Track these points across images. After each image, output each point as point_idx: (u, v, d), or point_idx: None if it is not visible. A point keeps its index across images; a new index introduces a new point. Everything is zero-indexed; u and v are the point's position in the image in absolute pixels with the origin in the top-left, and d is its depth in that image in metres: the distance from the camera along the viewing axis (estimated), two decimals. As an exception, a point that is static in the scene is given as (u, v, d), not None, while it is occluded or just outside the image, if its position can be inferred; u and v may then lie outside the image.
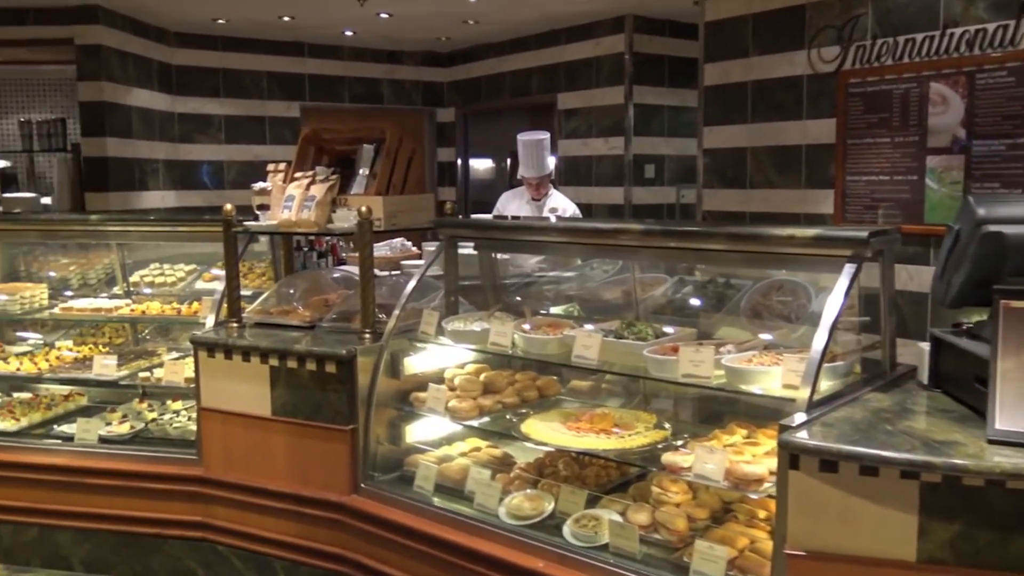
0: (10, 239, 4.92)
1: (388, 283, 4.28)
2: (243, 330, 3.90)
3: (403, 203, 3.94)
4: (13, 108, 7.39)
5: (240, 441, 3.75)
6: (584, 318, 3.78)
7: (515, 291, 4.22)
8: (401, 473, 3.58)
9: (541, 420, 3.38)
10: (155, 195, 7.34)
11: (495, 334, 3.39)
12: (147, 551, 3.93)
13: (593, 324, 3.45)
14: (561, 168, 7.83)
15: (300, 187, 3.89)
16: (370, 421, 3.55)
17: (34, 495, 4.02)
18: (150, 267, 4.85)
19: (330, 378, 3.54)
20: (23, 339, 5.01)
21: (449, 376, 3.65)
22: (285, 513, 3.65)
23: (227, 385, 3.76)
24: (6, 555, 4.09)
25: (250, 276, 4.69)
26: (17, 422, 4.24)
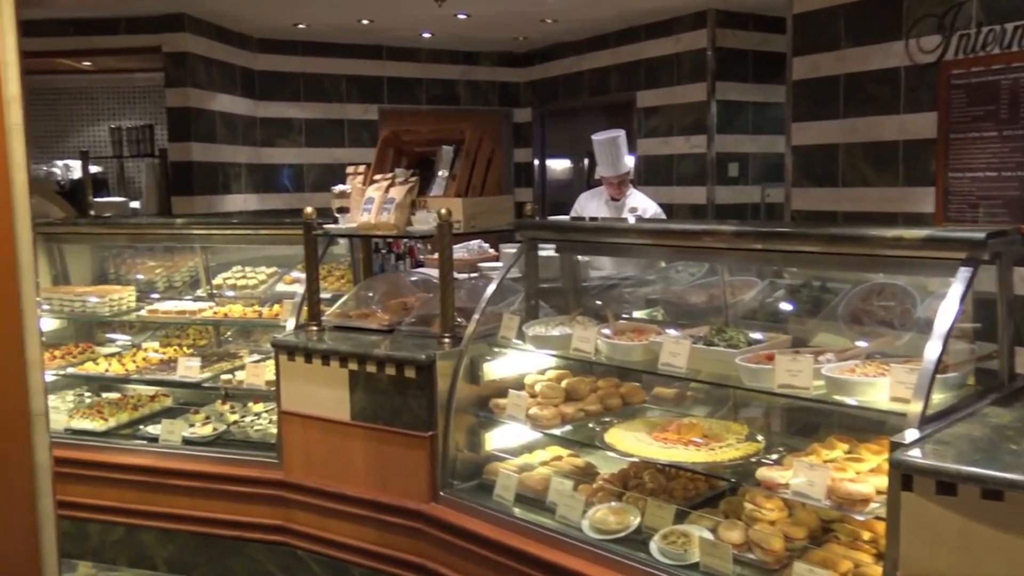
0: (99, 243, 5.04)
1: (466, 286, 4.21)
2: (322, 333, 3.88)
3: (483, 205, 3.87)
4: (105, 115, 7.62)
5: (320, 445, 3.73)
6: (669, 323, 3.63)
7: (596, 294, 4.10)
8: (480, 481, 3.50)
9: (625, 429, 3.25)
10: (238, 198, 7.47)
11: (577, 340, 3.28)
12: (227, 553, 3.94)
13: (679, 330, 3.31)
14: (640, 168, 7.67)
15: (379, 189, 3.85)
16: (449, 427, 3.48)
17: (120, 495, 4.08)
18: (232, 270, 4.90)
19: (409, 383, 3.48)
20: (112, 340, 5.12)
21: (530, 382, 3.55)
22: (364, 519, 3.61)
23: (307, 389, 3.74)
24: (95, 553, 4.16)
25: (330, 279, 4.69)
26: (105, 422, 4.31)
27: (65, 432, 4.30)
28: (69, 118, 7.67)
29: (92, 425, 4.29)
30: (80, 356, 4.70)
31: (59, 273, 5.02)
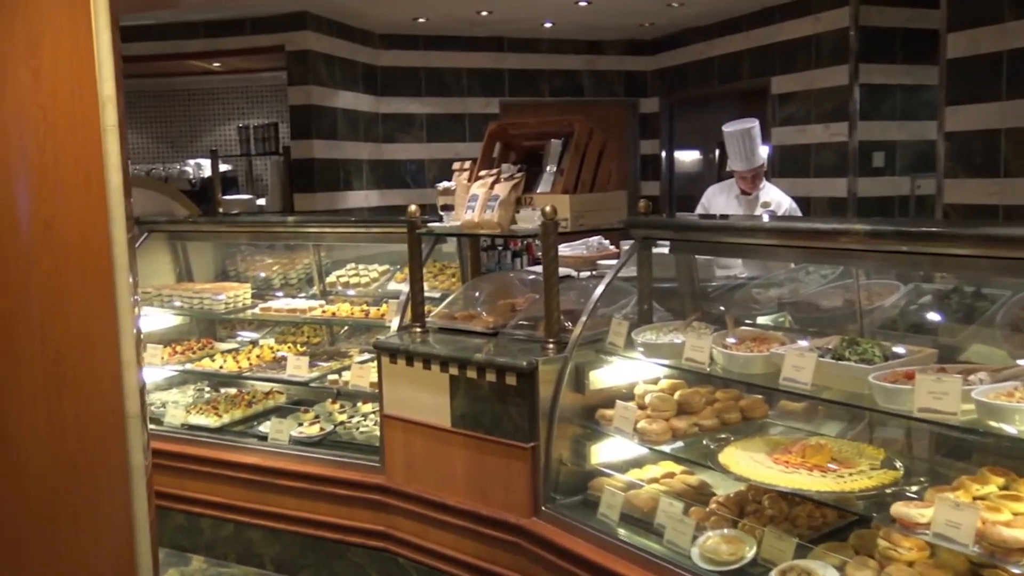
0: (219, 240, 5.12)
1: (578, 287, 3.99)
2: (426, 335, 3.75)
3: (592, 201, 3.63)
4: (235, 115, 7.85)
5: (421, 451, 3.61)
6: (796, 331, 3.30)
7: (716, 297, 3.79)
8: (584, 497, 3.28)
9: (743, 449, 2.95)
10: (359, 195, 7.51)
11: (690, 348, 3.01)
12: (332, 556, 3.89)
13: (807, 339, 2.98)
14: (774, 158, 7.19)
15: (484, 186, 3.68)
16: (552, 439, 3.28)
17: (230, 492, 4.11)
18: (346, 267, 4.87)
19: (510, 391, 3.30)
20: (232, 337, 5.20)
21: (639, 392, 3.30)
22: (464, 531, 3.46)
23: (408, 392, 3.63)
24: (207, 548, 4.21)
25: (440, 277, 4.57)
26: (219, 418, 4.36)
27: (182, 427, 4.37)
28: (201, 118, 7.95)
29: (207, 421, 4.35)
30: (199, 352, 4.78)
31: (182, 270, 5.14)
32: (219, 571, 4.10)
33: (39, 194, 2.56)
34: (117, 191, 2.65)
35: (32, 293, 2.56)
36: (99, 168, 2.63)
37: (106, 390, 2.69)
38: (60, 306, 2.59)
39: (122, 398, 2.71)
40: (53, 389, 2.61)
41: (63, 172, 2.57)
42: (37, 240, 2.55)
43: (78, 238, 2.62)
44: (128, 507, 2.74)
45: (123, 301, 2.72)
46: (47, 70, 2.52)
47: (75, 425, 2.62)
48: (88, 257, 2.63)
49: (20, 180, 2.51)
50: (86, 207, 2.61)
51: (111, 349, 2.68)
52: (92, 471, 2.66)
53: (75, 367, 2.62)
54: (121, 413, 2.71)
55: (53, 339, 2.57)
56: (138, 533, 2.77)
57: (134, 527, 2.75)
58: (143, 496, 2.76)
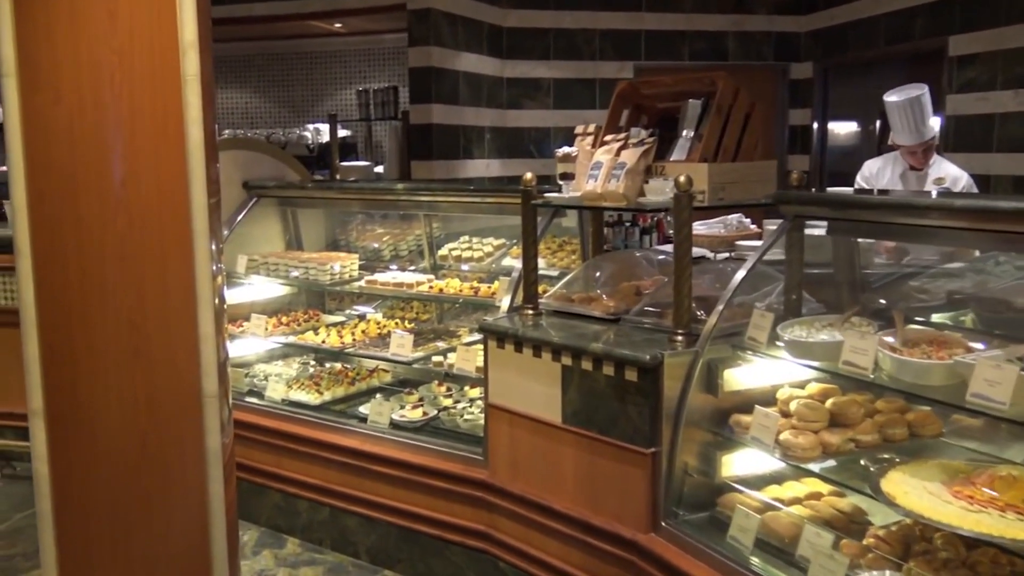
0: (327, 208, 4.89)
1: (714, 270, 3.52)
2: (538, 318, 3.37)
3: (734, 172, 3.14)
4: (356, 78, 7.63)
5: (527, 447, 3.24)
6: (979, 333, 2.72)
7: (881, 288, 3.23)
8: (711, 514, 2.84)
9: (913, 475, 2.44)
10: (479, 163, 7.15)
11: (851, 350, 2.50)
12: (428, 552, 3.59)
13: (995, 344, 2.43)
14: (946, 131, 6.36)
15: (609, 152, 3.25)
16: (676, 445, 2.84)
17: (327, 475, 3.87)
18: (460, 240, 4.55)
19: (630, 387, 2.87)
20: (340, 310, 4.99)
21: (783, 397, 2.81)
22: (571, 540, 3.08)
23: (516, 381, 3.26)
24: (303, 531, 4.01)
25: (559, 254, 4.18)
26: (320, 396, 4.13)
27: (282, 403, 4.17)
28: (322, 82, 7.77)
29: (307, 398, 4.13)
30: (304, 324, 4.57)
31: (292, 238, 4.95)
32: (313, 557, 3.88)
33: (114, 148, 2.32)
34: (197, 148, 2.38)
35: (107, 256, 2.33)
36: (178, 122, 2.37)
37: (182, 366, 2.46)
38: (134, 272, 2.36)
39: (199, 375, 2.47)
40: (124, 362, 2.39)
41: (140, 125, 2.32)
42: (112, 199, 2.32)
43: (155, 198, 2.37)
44: (203, 490, 2.51)
45: (202, 269, 2.47)
46: (124, 11, 2.27)
47: (147, 402, 2.41)
48: (166, 220, 2.38)
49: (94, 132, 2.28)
50: (164, 164, 2.37)
51: (188, 321, 2.44)
52: (164, 451, 2.44)
53: (148, 339, 2.40)
54: (197, 391, 2.48)
55: (126, 308, 2.35)
56: (212, 518, 2.54)
57: (208, 512, 2.53)
58: (219, 479, 2.52)
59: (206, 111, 2.42)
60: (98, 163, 2.27)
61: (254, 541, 4.03)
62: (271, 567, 3.80)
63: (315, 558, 3.87)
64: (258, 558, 3.87)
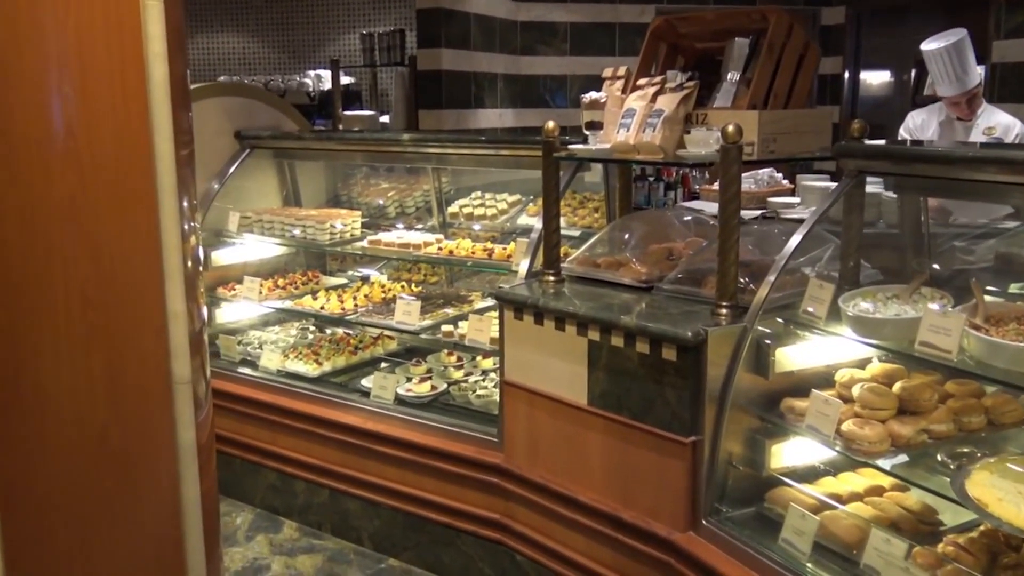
0: (327, 160, 4.51)
1: (753, 231, 3.14)
2: (560, 285, 3.01)
3: (786, 121, 2.75)
4: (359, 22, 7.15)
5: (548, 430, 2.90)
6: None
7: (951, 255, 2.85)
8: (758, 510, 2.51)
9: (1001, 475, 2.09)
10: (491, 113, 6.70)
11: (930, 329, 2.13)
12: (438, 542, 3.28)
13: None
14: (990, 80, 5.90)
15: (643, 99, 2.85)
16: (720, 433, 2.50)
17: (326, 454, 3.55)
18: (471, 196, 4.16)
19: (667, 367, 2.52)
20: (342, 271, 4.63)
21: (843, 380, 2.47)
22: (597, 536, 2.75)
23: (535, 357, 2.91)
24: (300, 513, 3.70)
25: (580, 212, 3.81)
26: (319, 367, 3.79)
27: (277, 374, 3.84)
28: (324, 25, 7.29)
29: (305, 368, 3.79)
30: (303, 287, 4.22)
31: (289, 193, 4.57)
32: (311, 543, 3.58)
33: (58, 89, 1.93)
34: (161, 89, 1.99)
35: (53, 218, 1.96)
36: (137, 56, 1.98)
37: (147, 346, 2.10)
38: (87, 237, 1.99)
39: (167, 357, 2.11)
40: (78, 342, 2.03)
41: (89, 60, 1.93)
42: (57, 150, 1.94)
43: (111, 150, 1.99)
44: (175, 490, 2.17)
45: (169, 233, 2.09)
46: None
47: (107, 389, 2.06)
48: (125, 175, 2.00)
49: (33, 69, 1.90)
50: (121, 109, 1.98)
51: (153, 294, 2.08)
52: (128, 446, 2.09)
53: (106, 316, 2.03)
54: (166, 376, 2.12)
55: (78, 279, 1.98)
56: (187, 523, 2.20)
57: (182, 515, 2.19)
58: (193, 479, 2.18)
59: (173, 46, 2.03)
60: (36, 106, 1.89)
61: (248, 524, 3.73)
62: (265, 554, 3.50)
63: (314, 544, 3.57)
64: (252, 544, 3.57)
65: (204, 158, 4.22)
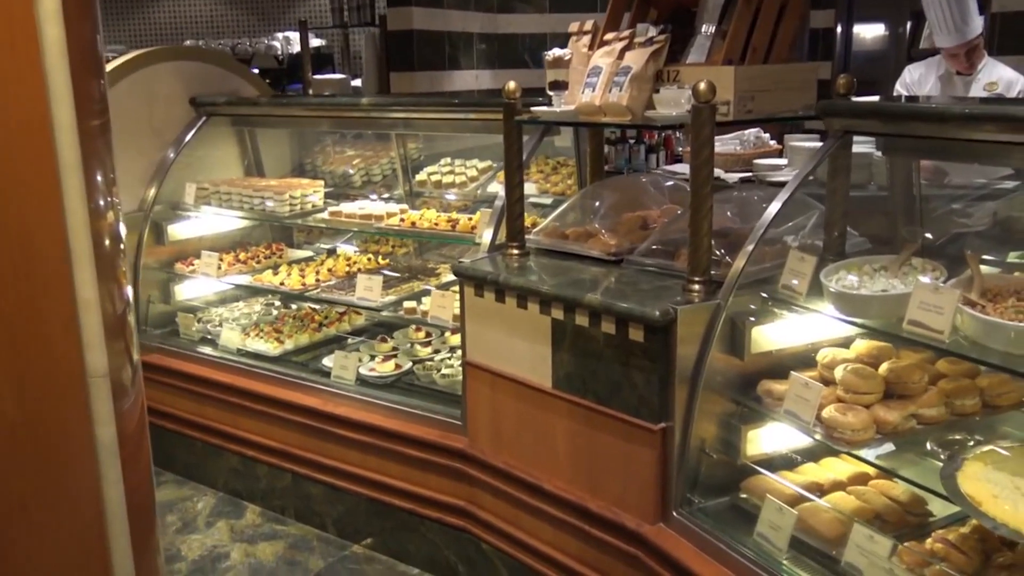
0: (289, 127, 4.27)
1: (734, 198, 2.93)
2: (525, 259, 2.80)
3: (766, 77, 2.52)
4: (329, -21, 6.85)
5: (512, 414, 2.72)
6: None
7: (942, 221, 2.65)
8: (733, 500, 2.34)
9: (997, 466, 1.91)
10: (467, 75, 6.42)
11: (920, 306, 1.94)
12: (402, 528, 3.12)
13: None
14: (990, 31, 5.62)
15: (610, 55, 2.63)
16: (692, 418, 2.31)
17: (287, 437, 3.38)
18: (440, 163, 3.94)
19: (634, 348, 2.33)
20: (309, 244, 4.42)
21: (825, 360, 2.28)
22: (565, 526, 2.58)
23: (497, 336, 2.72)
24: (263, 497, 3.54)
25: (554, 178, 3.59)
26: (280, 345, 3.61)
27: (237, 353, 3.65)
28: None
29: (265, 347, 3.60)
30: (265, 261, 4.01)
31: (251, 163, 4.34)
32: (274, 528, 3.41)
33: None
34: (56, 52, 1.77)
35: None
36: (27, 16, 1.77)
37: (55, 341, 1.90)
38: (-24, 217, 1.78)
39: (80, 350, 1.92)
40: (-25, 335, 1.83)
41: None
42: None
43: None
44: (96, 492, 1.99)
45: (75, 215, 1.88)
46: None
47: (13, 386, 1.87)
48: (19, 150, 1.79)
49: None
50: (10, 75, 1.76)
51: (60, 282, 1.87)
52: (39, 447, 1.91)
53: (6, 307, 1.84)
54: (80, 370, 1.92)
55: (-31, 266, 1.78)
56: (111, 524, 2.02)
57: (105, 517, 2.01)
58: (116, 478, 2.00)
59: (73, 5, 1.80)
60: None
61: (209, 509, 3.57)
62: (225, 542, 3.33)
63: (276, 530, 3.40)
64: (212, 531, 3.41)
65: (158, 126, 4.01)
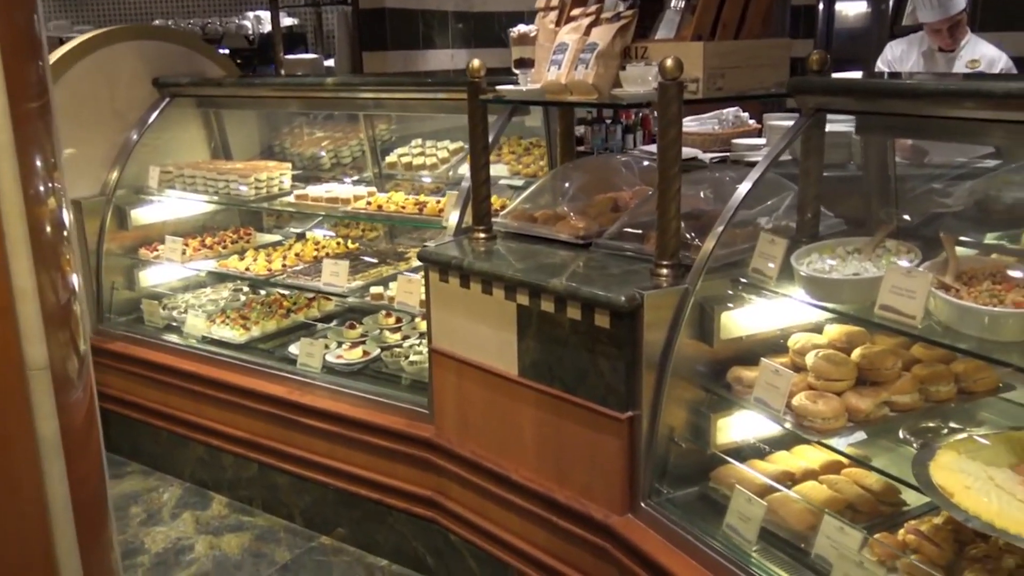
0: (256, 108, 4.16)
1: (709, 179, 2.85)
2: (491, 243, 2.72)
3: (736, 53, 2.43)
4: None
5: (478, 403, 2.65)
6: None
7: (918, 201, 2.58)
8: (702, 490, 2.28)
9: (970, 455, 1.85)
10: (442, 54, 6.30)
11: (892, 290, 1.87)
12: (370, 518, 3.05)
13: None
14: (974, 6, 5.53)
15: (576, 31, 2.53)
16: (660, 406, 2.24)
17: (252, 426, 3.30)
18: (411, 144, 3.85)
19: (601, 335, 2.25)
20: (279, 227, 4.32)
21: (796, 346, 2.21)
22: (533, 517, 2.51)
23: (463, 323, 2.64)
24: (230, 487, 3.47)
25: (526, 159, 3.50)
26: (246, 332, 3.52)
27: (203, 341, 3.56)
28: (265, -38, 6.84)
29: (231, 334, 3.51)
30: (232, 246, 3.91)
31: (217, 145, 4.23)
32: (240, 520, 3.34)
33: None
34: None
35: None
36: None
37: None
38: None
39: (18, 342, 1.82)
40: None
41: None
42: None
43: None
44: (38, 491, 1.90)
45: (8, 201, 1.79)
46: None
47: (-56, 385, 1.77)
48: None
49: None
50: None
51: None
52: (-27, 444, 1.82)
53: (-68, 302, 1.74)
54: (18, 363, 1.83)
55: None
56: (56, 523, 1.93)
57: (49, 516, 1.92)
58: (60, 475, 1.91)
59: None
60: None
61: (175, 500, 3.49)
62: (190, 534, 3.26)
63: (243, 522, 3.33)
64: (177, 522, 3.33)
65: (120, 108, 3.89)
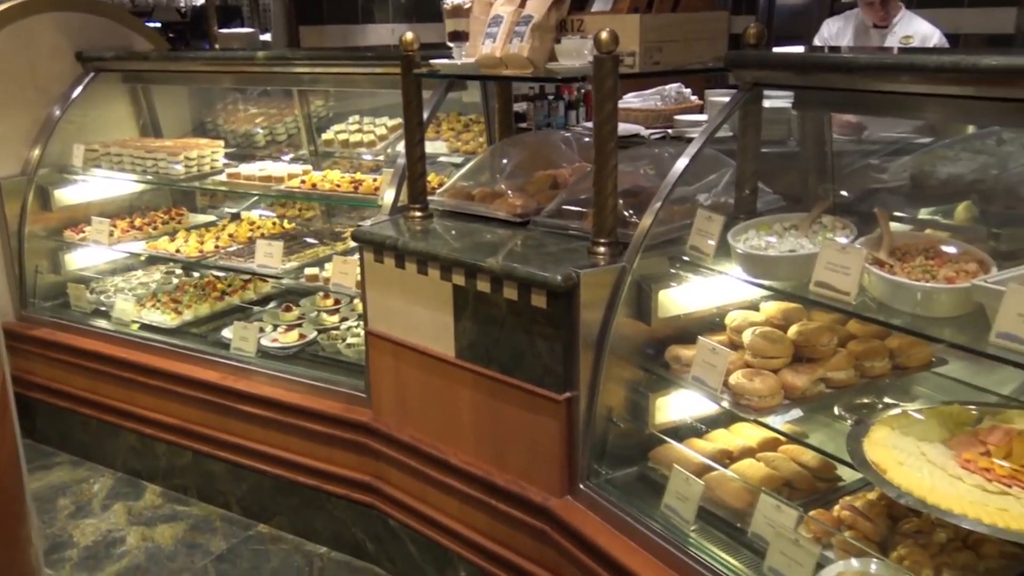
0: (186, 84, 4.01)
1: (649, 155, 2.81)
2: (428, 222, 2.65)
3: (674, 27, 2.38)
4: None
5: (416, 386, 2.59)
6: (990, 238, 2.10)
7: (855, 176, 2.57)
8: (642, 470, 2.25)
9: (904, 431, 1.85)
10: (381, 29, 6.15)
11: (827, 267, 1.85)
12: (308, 505, 2.98)
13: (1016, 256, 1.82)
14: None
15: (511, 3, 2.46)
16: (598, 387, 2.21)
17: (186, 413, 3.20)
18: (348, 121, 3.74)
19: (537, 315, 2.21)
20: (214, 208, 4.19)
21: (733, 324, 2.19)
22: (472, 501, 2.47)
23: (399, 304, 2.57)
24: (164, 477, 3.36)
25: (465, 136, 3.43)
26: (178, 316, 3.40)
27: (132, 326, 3.44)
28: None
29: (162, 319, 3.40)
30: (163, 227, 3.78)
31: (147, 122, 4.07)
32: (175, 509, 3.24)
33: None
34: None
35: None
36: None
37: None
38: None
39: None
40: None
41: None
42: None
43: None
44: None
45: None
46: None
47: None
48: None
49: None
50: None
51: None
52: None
53: None
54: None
55: None
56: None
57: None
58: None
59: None
60: None
61: (106, 491, 3.38)
62: (121, 525, 3.15)
63: (177, 511, 3.23)
64: (107, 514, 3.22)
65: (41, 83, 3.73)
